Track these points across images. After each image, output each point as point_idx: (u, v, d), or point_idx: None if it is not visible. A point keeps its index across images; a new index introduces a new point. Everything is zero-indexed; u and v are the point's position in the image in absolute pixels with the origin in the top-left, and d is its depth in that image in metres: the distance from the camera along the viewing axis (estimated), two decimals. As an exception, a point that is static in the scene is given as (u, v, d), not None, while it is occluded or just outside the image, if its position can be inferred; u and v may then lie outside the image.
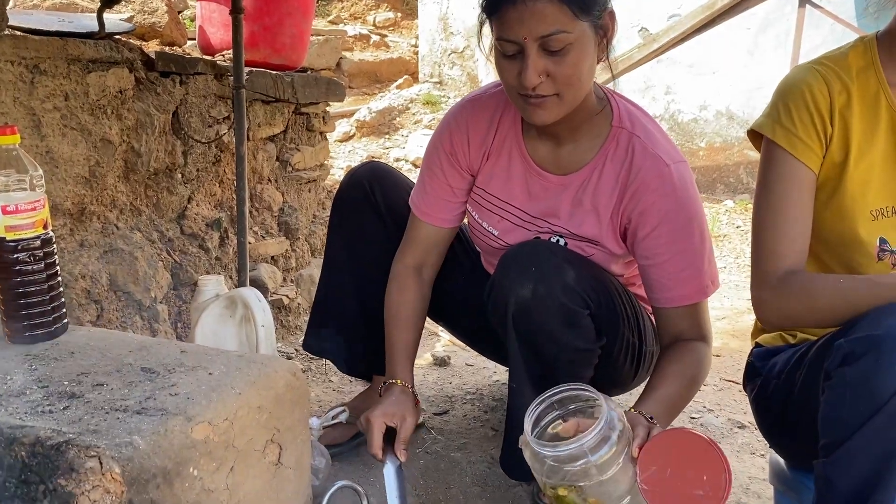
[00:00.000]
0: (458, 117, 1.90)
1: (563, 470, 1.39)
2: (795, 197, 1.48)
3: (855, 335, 1.24)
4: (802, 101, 1.48)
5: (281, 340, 3.07)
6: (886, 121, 1.47)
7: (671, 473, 1.37)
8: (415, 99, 7.05)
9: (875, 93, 1.48)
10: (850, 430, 1.22)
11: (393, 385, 1.86)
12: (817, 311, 1.40)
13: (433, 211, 1.95)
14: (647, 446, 1.38)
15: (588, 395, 1.45)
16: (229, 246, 2.96)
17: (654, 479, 1.37)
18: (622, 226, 1.76)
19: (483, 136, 1.86)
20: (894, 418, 1.18)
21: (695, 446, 1.37)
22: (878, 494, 1.24)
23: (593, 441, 1.36)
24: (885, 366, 1.18)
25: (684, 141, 6.20)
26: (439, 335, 3.19)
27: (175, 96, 2.64)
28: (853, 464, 1.24)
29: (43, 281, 1.43)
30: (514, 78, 1.59)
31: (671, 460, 1.37)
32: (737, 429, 2.43)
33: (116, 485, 1.04)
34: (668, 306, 1.72)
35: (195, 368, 1.35)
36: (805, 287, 1.43)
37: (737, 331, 3.55)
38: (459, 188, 1.93)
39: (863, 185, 1.48)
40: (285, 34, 3.14)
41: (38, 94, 2.13)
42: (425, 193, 1.95)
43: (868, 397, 1.20)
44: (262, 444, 1.33)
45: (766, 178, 1.52)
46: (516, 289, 1.67)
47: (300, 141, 3.46)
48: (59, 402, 1.20)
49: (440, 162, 1.91)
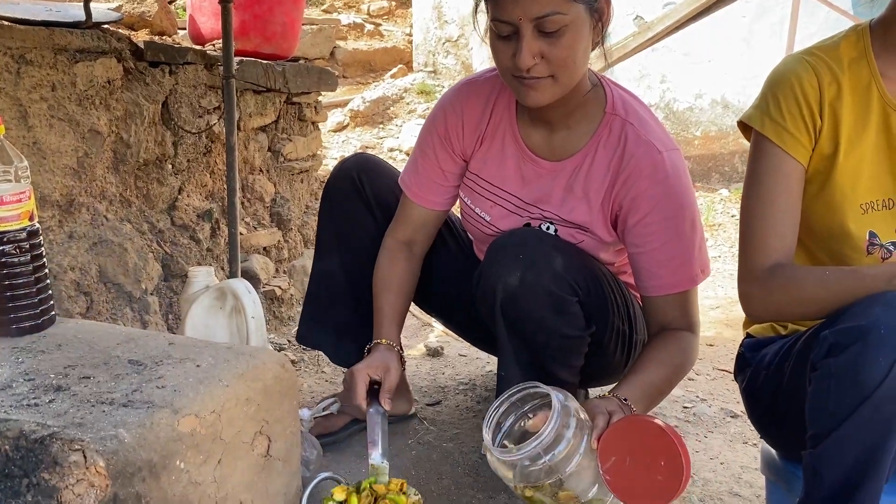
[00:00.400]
0: (453, 100, 1.89)
1: (524, 472, 1.40)
2: (783, 190, 1.48)
3: (840, 326, 1.24)
4: (791, 93, 1.47)
5: (274, 331, 3.06)
6: (878, 113, 1.46)
7: (630, 462, 1.38)
8: (409, 88, 7.03)
9: (867, 84, 1.46)
10: (837, 420, 1.23)
11: (378, 344, 1.89)
12: (803, 303, 1.40)
13: (424, 193, 1.95)
14: (604, 437, 1.39)
15: (542, 392, 1.45)
16: (221, 237, 2.95)
17: (615, 468, 1.39)
18: (613, 212, 1.76)
19: (478, 119, 1.86)
20: (880, 408, 1.19)
21: (649, 432, 1.38)
22: (866, 485, 1.24)
23: (548, 440, 1.37)
24: (870, 356, 1.18)
25: (679, 130, 6.20)
26: (432, 326, 3.19)
27: (165, 86, 2.62)
28: (840, 454, 1.24)
29: (29, 273, 1.42)
30: (508, 59, 1.59)
31: (629, 449, 1.38)
32: (729, 418, 2.43)
33: (101, 478, 1.03)
34: (655, 294, 1.72)
35: (183, 360, 1.35)
36: (791, 280, 1.43)
37: (730, 320, 3.55)
38: (451, 172, 1.93)
39: (853, 179, 1.47)
40: (276, 23, 3.12)
41: (24, 85, 2.11)
42: (417, 175, 1.95)
43: (853, 388, 1.20)
44: (250, 436, 1.32)
45: (754, 171, 1.52)
46: (504, 276, 1.67)
47: (292, 131, 3.45)
48: (45, 395, 1.19)
49: (433, 145, 1.91)
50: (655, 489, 1.36)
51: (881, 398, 1.18)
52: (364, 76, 7.66)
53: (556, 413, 1.37)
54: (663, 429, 1.36)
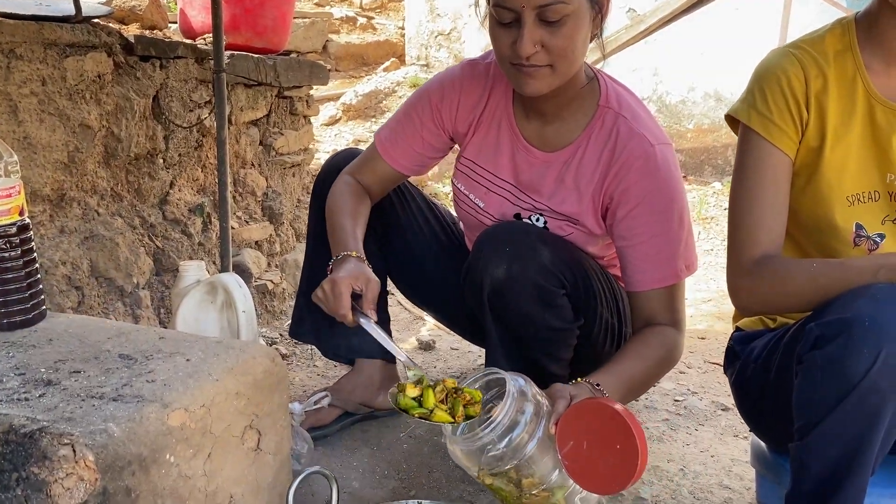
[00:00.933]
0: (454, 77, 1.89)
1: (483, 459, 1.39)
2: (771, 182, 1.48)
3: (825, 319, 1.25)
4: (778, 87, 1.48)
5: (266, 325, 3.06)
6: (863, 105, 1.47)
7: (587, 446, 1.36)
8: (402, 82, 7.01)
9: (852, 77, 1.47)
10: (823, 412, 1.24)
11: (348, 256, 1.76)
12: (790, 295, 1.41)
13: (396, 153, 1.94)
14: (561, 421, 1.38)
15: (500, 378, 1.44)
16: (212, 231, 2.95)
17: (572, 453, 1.37)
18: (604, 205, 1.76)
19: (474, 103, 1.86)
20: (864, 400, 1.20)
21: (604, 416, 1.36)
22: (852, 476, 1.25)
23: (503, 425, 1.36)
24: (855, 349, 1.19)
25: (672, 123, 6.20)
26: (424, 319, 3.20)
27: (155, 80, 2.62)
28: (826, 446, 1.25)
29: (20, 268, 1.42)
30: (507, 47, 1.59)
31: (586, 432, 1.36)
32: (720, 411, 2.44)
33: (90, 472, 1.04)
34: (640, 289, 1.72)
35: (173, 355, 1.35)
36: (778, 272, 1.43)
37: (722, 313, 3.56)
38: (430, 144, 1.93)
39: (839, 171, 1.48)
40: (267, 17, 3.11)
41: (14, 80, 2.11)
42: (394, 133, 1.94)
43: (839, 380, 1.21)
44: (240, 430, 1.33)
45: (742, 164, 1.52)
46: (491, 269, 1.68)
47: (284, 125, 3.45)
48: (36, 389, 1.19)
49: (421, 111, 1.91)
50: (611, 474, 1.35)
51: (866, 390, 1.19)
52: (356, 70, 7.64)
53: (510, 397, 1.36)
54: (618, 411, 1.35)
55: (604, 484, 1.38)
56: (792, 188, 1.51)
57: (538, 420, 1.38)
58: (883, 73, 1.46)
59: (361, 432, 2.18)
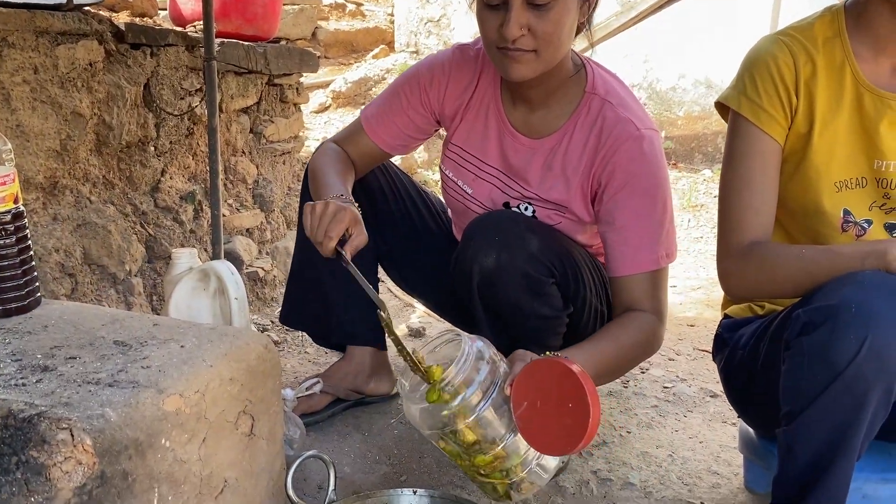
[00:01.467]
0: (443, 60, 1.90)
1: (436, 418, 1.37)
2: (760, 168, 1.50)
3: (812, 305, 1.27)
4: (768, 73, 1.49)
5: (257, 312, 3.07)
6: (851, 92, 1.48)
7: (541, 405, 1.32)
8: (391, 69, 6.99)
9: (840, 64, 1.48)
10: (809, 398, 1.25)
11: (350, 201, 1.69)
12: (779, 281, 1.42)
13: (381, 130, 1.95)
14: (515, 382, 1.35)
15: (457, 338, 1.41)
16: (204, 219, 2.95)
17: (527, 413, 1.34)
18: (593, 190, 1.77)
19: (463, 88, 1.87)
20: (850, 386, 1.21)
21: (556, 373, 1.33)
22: (838, 461, 1.27)
23: (452, 386, 1.33)
24: (841, 335, 1.20)
25: (662, 110, 6.20)
26: (414, 307, 3.21)
27: (146, 68, 2.62)
28: (813, 431, 1.27)
29: (15, 255, 1.43)
30: (494, 31, 1.60)
31: (538, 392, 1.33)
32: (709, 398, 2.46)
33: (88, 456, 1.05)
34: (622, 274, 1.72)
35: (167, 341, 1.36)
36: (767, 258, 1.45)
37: (711, 301, 3.58)
38: (415, 124, 1.93)
39: (827, 157, 1.49)
40: (257, 4, 3.11)
41: (6, 68, 2.11)
42: (380, 111, 1.95)
43: (825, 366, 1.22)
44: (234, 415, 1.34)
45: (731, 150, 1.54)
46: (480, 258, 1.68)
47: (274, 113, 3.45)
48: (32, 375, 1.20)
49: (409, 91, 1.92)
50: (565, 434, 1.30)
51: (851, 376, 1.20)
52: (346, 57, 7.62)
53: (464, 356, 1.34)
54: (571, 369, 1.30)
55: (557, 445, 1.34)
56: (781, 174, 1.52)
57: (493, 381, 1.36)
58: (871, 60, 1.47)
59: (353, 418, 2.19)
